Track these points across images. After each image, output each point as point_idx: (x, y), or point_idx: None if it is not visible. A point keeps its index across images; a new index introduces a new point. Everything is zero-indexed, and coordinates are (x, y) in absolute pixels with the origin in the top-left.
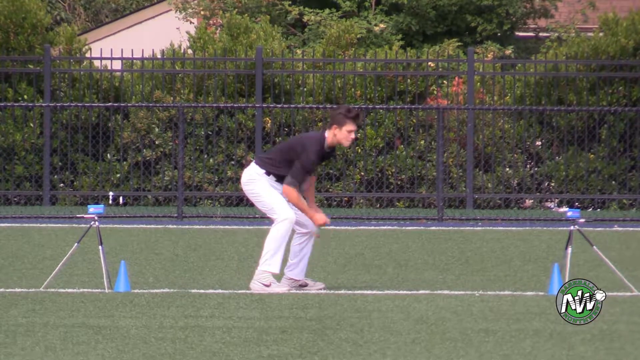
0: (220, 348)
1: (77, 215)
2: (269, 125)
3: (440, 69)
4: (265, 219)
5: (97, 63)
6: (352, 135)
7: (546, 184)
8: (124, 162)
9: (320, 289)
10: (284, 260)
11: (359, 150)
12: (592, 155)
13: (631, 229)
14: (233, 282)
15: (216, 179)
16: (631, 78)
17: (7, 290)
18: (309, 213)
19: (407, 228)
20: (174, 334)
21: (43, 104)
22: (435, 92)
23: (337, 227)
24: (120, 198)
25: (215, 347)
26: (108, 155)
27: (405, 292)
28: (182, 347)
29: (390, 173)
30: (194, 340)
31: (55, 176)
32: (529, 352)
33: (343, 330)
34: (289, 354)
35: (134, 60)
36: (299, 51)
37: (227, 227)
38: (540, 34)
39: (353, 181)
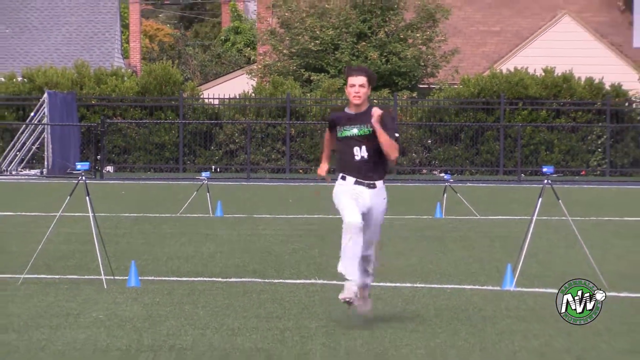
0: (267, 246)
1: (196, 177)
2: (293, 132)
3: (379, 104)
4: (288, 178)
5: (206, 101)
6: (355, 90)
7: (434, 161)
8: (219, 150)
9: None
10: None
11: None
12: (456, 148)
13: (476, 185)
14: (277, 211)
15: (266, 159)
16: (477, 108)
17: (158, 214)
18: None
19: None
20: (246, 237)
21: (179, 121)
22: None
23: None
24: (218, 169)
25: (265, 245)
26: (212, 147)
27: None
28: (248, 245)
29: None
30: (255, 240)
31: (184, 157)
32: (419, 248)
33: (333, 234)
34: (304, 247)
35: (225, 100)
36: (308, 95)
37: (272, 184)
38: (431, 85)
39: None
